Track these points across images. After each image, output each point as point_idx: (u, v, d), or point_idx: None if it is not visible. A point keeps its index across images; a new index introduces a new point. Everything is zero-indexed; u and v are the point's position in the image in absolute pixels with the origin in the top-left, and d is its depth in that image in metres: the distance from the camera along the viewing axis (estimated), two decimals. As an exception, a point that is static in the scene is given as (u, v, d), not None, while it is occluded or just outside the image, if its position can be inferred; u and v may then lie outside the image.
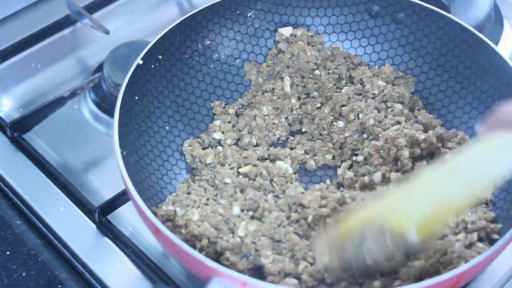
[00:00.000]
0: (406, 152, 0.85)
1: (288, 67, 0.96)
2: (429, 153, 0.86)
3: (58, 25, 1.09)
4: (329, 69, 0.96)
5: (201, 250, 0.76)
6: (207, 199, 0.82)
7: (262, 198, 0.82)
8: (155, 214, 0.77)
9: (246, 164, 0.86)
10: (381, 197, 0.76)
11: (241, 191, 0.83)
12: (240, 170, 0.86)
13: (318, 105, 0.94)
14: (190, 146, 0.89)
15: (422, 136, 0.86)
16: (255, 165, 0.86)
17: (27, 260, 0.82)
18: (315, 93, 0.95)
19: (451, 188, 0.71)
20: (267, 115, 0.92)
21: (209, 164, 0.87)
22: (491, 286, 0.82)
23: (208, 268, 0.68)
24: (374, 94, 0.93)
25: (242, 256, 0.77)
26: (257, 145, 0.90)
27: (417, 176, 0.75)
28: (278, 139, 0.92)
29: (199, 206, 0.81)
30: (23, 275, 0.81)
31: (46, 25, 1.08)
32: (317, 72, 0.96)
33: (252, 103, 0.94)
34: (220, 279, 0.68)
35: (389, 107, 0.92)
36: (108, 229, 0.86)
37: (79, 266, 0.83)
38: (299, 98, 0.95)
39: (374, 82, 0.93)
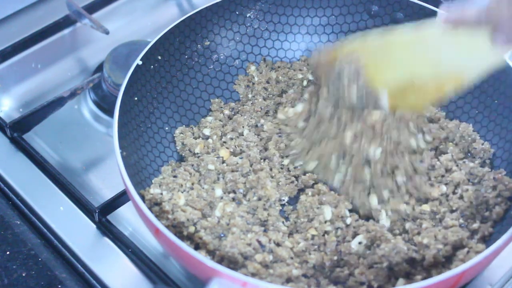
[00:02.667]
0: (413, 142, 0.86)
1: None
2: (432, 148, 0.87)
3: (58, 25, 1.09)
4: None
5: (188, 238, 0.77)
6: (192, 184, 0.83)
7: (240, 179, 0.84)
8: (142, 197, 0.78)
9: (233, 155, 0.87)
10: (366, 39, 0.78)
11: (224, 177, 0.85)
12: (220, 153, 0.87)
13: None
14: (182, 133, 0.89)
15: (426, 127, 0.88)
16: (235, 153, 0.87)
17: (27, 260, 0.82)
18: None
19: (424, 61, 0.74)
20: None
21: (197, 153, 0.88)
22: (491, 286, 0.82)
23: (208, 269, 0.68)
24: None
25: (216, 237, 0.77)
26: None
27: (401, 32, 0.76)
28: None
29: (184, 190, 0.82)
30: (23, 275, 0.81)
31: (46, 25, 1.08)
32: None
33: (239, 111, 0.94)
34: (220, 280, 0.68)
35: None
36: (108, 229, 0.86)
37: (79, 266, 0.83)
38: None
39: None
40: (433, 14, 0.93)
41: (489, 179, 0.82)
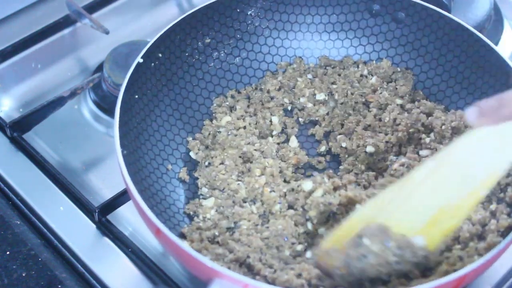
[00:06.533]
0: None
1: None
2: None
3: (58, 25, 1.09)
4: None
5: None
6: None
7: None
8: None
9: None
10: (376, 197, 0.75)
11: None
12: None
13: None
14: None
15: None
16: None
17: (27, 260, 0.82)
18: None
19: (448, 184, 0.71)
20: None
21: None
22: (491, 286, 0.82)
23: (209, 270, 0.68)
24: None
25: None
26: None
27: (410, 175, 0.74)
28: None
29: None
30: (23, 275, 0.81)
31: (46, 25, 1.08)
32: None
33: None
34: (221, 281, 0.67)
35: (390, 104, 0.93)
36: (108, 229, 0.86)
37: (79, 266, 0.83)
38: None
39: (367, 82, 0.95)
40: (434, 14, 0.93)
41: None
